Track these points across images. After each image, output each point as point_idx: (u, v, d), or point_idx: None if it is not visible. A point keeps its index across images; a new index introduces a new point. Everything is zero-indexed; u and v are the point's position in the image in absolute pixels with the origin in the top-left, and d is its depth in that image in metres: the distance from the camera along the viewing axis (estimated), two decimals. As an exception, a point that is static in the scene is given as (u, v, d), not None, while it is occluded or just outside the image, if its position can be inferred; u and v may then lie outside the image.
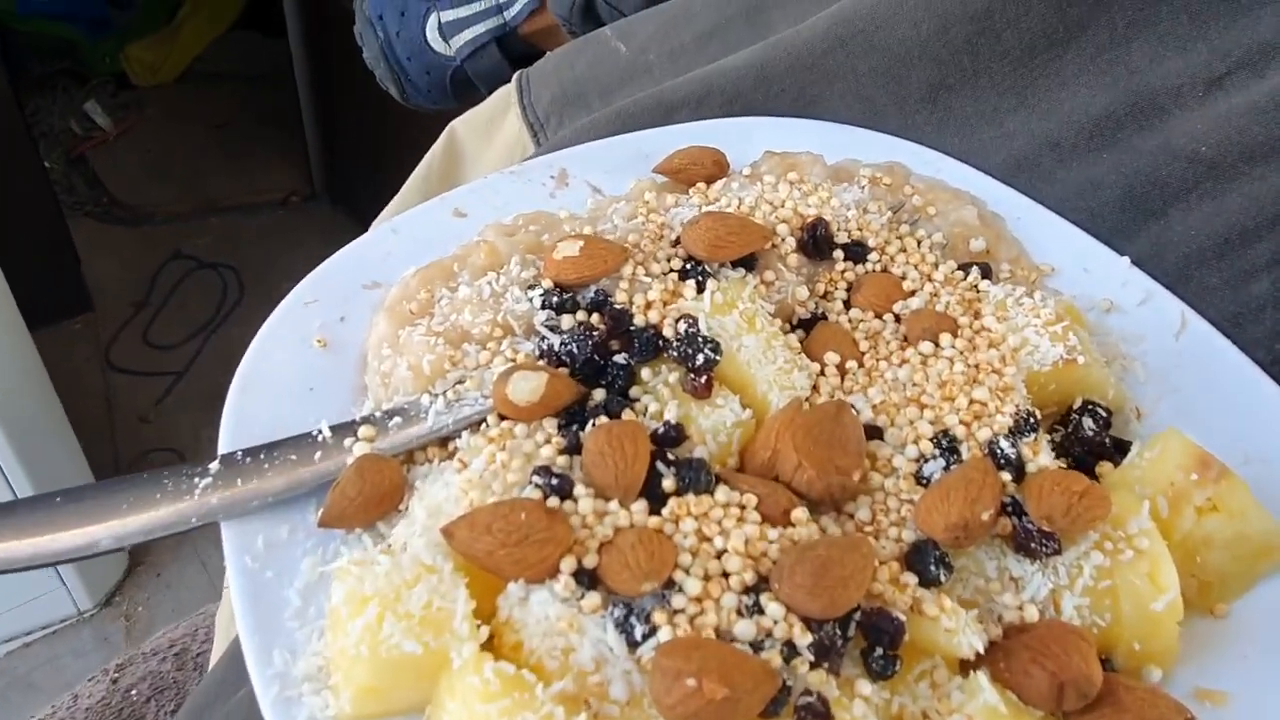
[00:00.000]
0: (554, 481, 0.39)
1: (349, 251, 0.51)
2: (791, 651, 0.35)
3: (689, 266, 0.48)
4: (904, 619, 0.37)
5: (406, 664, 0.34)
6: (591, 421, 0.41)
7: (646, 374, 0.44)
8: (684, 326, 0.44)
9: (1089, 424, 0.45)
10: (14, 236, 1.53)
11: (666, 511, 0.38)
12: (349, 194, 2.09)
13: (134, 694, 0.66)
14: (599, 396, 0.43)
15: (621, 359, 0.44)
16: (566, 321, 0.45)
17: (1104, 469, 0.44)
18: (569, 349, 0.44)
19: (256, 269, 2.00)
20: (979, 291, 0.49)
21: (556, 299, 0.46)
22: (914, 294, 0.49)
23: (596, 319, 0.45)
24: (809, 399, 0.45)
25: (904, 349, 0.47)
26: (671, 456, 0.40)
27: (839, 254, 0.51)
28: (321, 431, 0.42)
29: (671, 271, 0.48)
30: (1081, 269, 0.52)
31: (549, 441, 0.41)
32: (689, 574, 0.37)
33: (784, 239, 0.50)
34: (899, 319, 0.48)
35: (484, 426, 0.42)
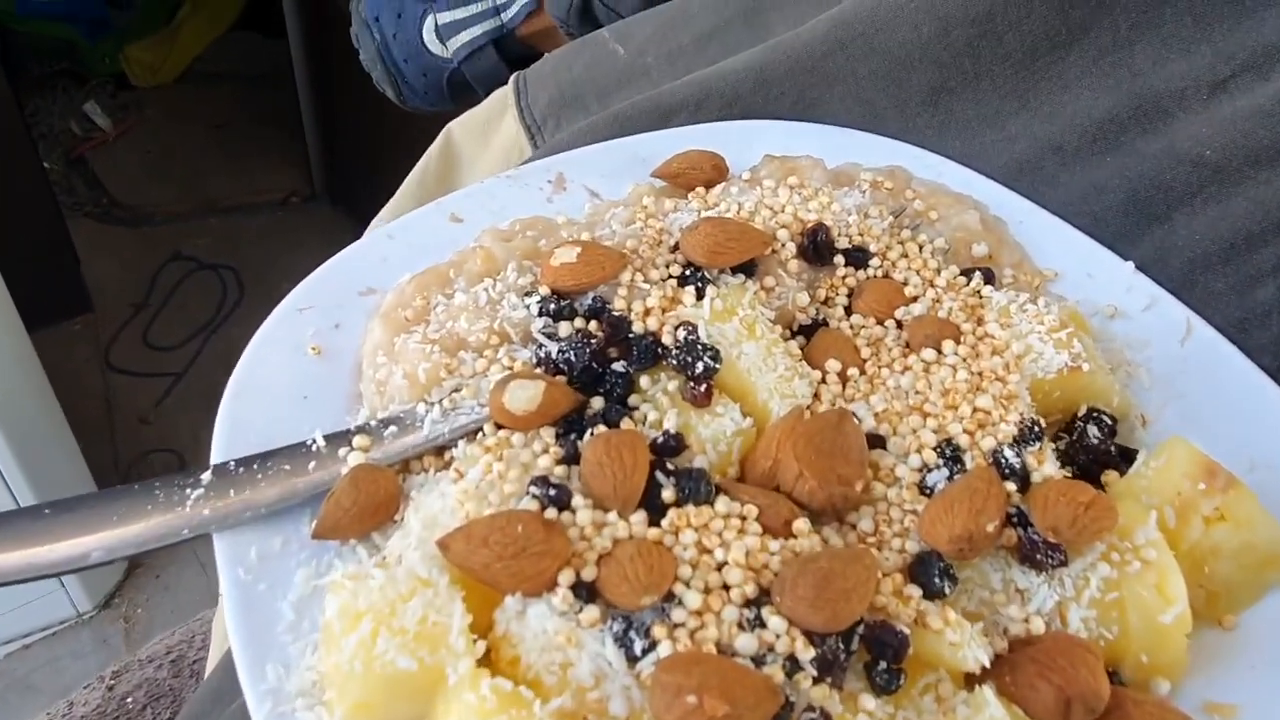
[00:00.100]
0: (552, 492, 0.38)
1: (344, 257, 0.50)
2: (794, 666, 0.35)
3: (688, 272, 0.48)
4: (908, 632, 0.36)
5: (402, 680, 0.34)
6: (590, 431, 0.41)
7: (645, 382, 0.43)
8: (683, 334, 0.44)
9: (1094, 432, 0.44)
10: (13, 237, 1.52)
11: (666, 523, 0.38)
12: (349, 194, 2.09)
13: (130, 701, 0.66)
14: (597, 405, 0.43)
15: (620, 367, 0.43)
16: (564, 329, 0.44)
17: (1109, 478, 0.43)
18: (567, 357, 0.43)
19: (256, 269, 2.00)
20: (982, 297, 0.49)
21: (554, 306, 0.45)
22: (916, 300, 0.49)
23: (594, 326, 0.45)
24: (810, 407, 0.44)
25: (906, 356, 0.46)
26: (671, 466, 0.40)
27: (840, 259, 0.50)
28: (316, 441, 0.42)
29: (670, 278, 0.48)
30: (1085, 274, 0.51)
31: (546, 451, 0.40)
32: (689, 587, 0.36)
33: (784, 244, 0.49)
34: (901, 325, 0.48)
35: (480, 436, 0.41)
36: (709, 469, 0.41)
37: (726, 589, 0.36)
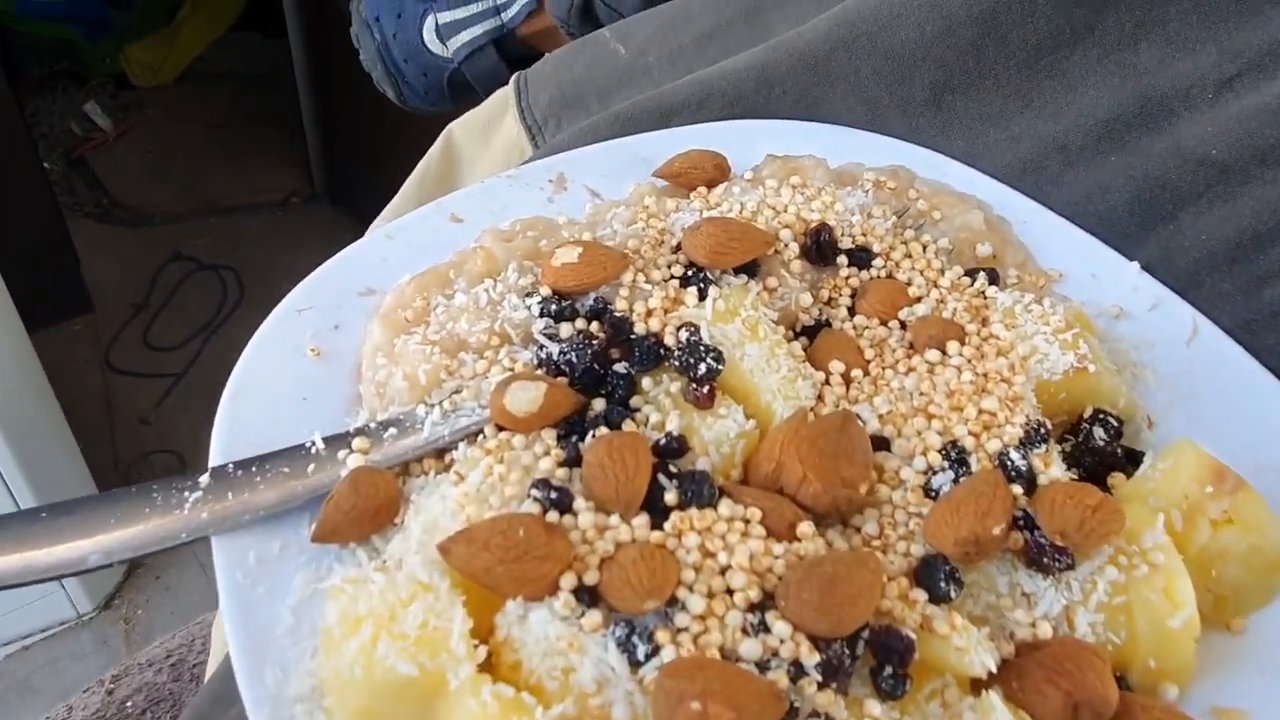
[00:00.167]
0: (553, 495, 0.38)
1: (343, 257, 0.50)
2: (799, 671, 0.34)
3: (690, 273, 0.47)
4: (914, 637, 0.36)
5: (402, 686, 0.33)
6: (591, 433, 0.41)
7: (647, 383, 0.43)
8: (685, 335, 0.43)
9: (1100, 434, 0.44)
10: (14, 237, 1.52)
11: (669, 526, 0.38)
12: (349, 195, 2.09)
13: (129, 705, 0.65)
14: (599, 407, 0.42)
15: (622, 368, 0.43)
16: (565, 330, 0.44)
17: (1116, 480, 0.43)
18: (568, 358, 0.43)
19: (256, 270, 1.99)
20: (986, 298, 0.49)
21: (555, 306, 0.45)
22: (920, 300, 0.48)
23: (596, 327, 0.44)
24: (814, 409, 0.44)
25: (910, 357, 0.46)
26: (674, 469, 0.39)
27: (843, 259, 0.50)
28: (315, 443, 0.41)
29: (672, 278, 0.47)
30: (1090, 274, 0.51)
31: (548, 453, 0.40)
32: (692, 591, 0.36)
33: (787, 244, 0.49)
34: (905, 326, 0.48)
35: (481, 438, 0.41)
36: (712, 471, 0.40)
37: (730, 593, 0.36)
